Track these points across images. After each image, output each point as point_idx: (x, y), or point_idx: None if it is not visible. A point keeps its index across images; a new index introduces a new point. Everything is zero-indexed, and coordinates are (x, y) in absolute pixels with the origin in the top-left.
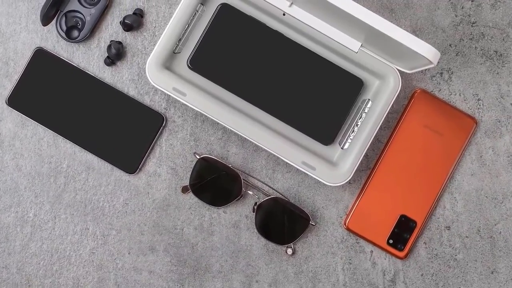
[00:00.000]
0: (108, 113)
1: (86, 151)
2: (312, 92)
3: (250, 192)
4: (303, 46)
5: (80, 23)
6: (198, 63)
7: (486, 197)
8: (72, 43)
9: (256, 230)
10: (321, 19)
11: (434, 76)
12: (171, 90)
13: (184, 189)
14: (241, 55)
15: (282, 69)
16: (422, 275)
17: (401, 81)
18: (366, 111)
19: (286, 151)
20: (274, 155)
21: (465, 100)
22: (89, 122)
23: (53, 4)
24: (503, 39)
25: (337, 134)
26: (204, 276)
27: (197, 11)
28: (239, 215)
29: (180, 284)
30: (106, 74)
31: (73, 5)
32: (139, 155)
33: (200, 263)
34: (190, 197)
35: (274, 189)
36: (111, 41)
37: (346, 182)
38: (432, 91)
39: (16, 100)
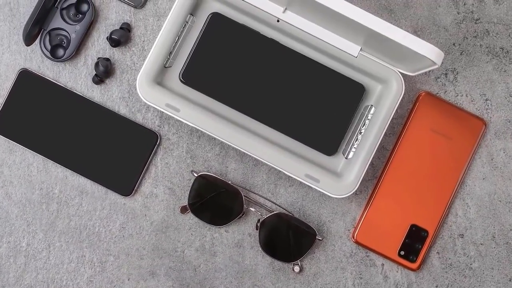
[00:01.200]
0: (99, 133)
1: (78, 174)
2: (311, 101)
3: (252, 209)
4: (300, 53)
5: (65, 41)
6: (191, 77)
7: (500, 201)
8: (57, 62)
9: (260, 249)
10: (317, 24)
11: (438, 78)
12: (164, 106)
13: (183, 209)
14: (235, 66)
15: (279, 78)
16: (436, 286)
17: (405, 84)
18: (369, 117)
19: (287, 164)
20: (276, 169)
21: (472, 101)
22: (80, 144)
23: (36, 22)
24: (509, 35)
25: (340, 143)
26: None
27: (187, 22)
28: (242, 234)
29: None
30: (95, 93)
31: (57, 22)
32: (134, 176)
33: (204, 286)
34: (190, 218)
35: (277, 205)
36: (99, 58)
37: (352, 193)
38: (437, 93)
39: (2, 125)
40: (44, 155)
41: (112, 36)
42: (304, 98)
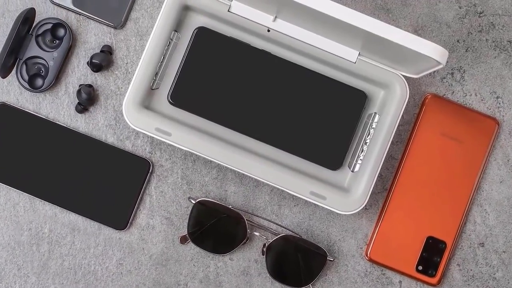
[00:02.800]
0: (88, 166)
1: (68, 211)
2: (311, 113)
3: (257, 233)
4: (295, 63)
5: (43, 69)
6: (180, 97)
7: None
8: (37, 93)
9: (268, 275)
10: (310, 31)
11: (444, 78)
12: (154, 131)
13: (183, 239)
14: (227, 82)
15: (274, 92)
16: None
17: (409, 87)
18: (374, 126)
19: (290, 182)
20: (278, 189)
21: (482, 100)
22: (68, 178)
23: (10, 52)
24: None
25: (345, 156)
26: None
27: (172, 40)
28: (248, 261)
29: None
30: (80, 123)
31: (33, 50)
32: (128, 208)
33: None
34: (191, 248)
35: (283, 227)
36: (80, 85)
37: (362, 209)
38: (444, 94)
39: None
40: (30, 193)
41: (93, 61)
42: (303, 110)
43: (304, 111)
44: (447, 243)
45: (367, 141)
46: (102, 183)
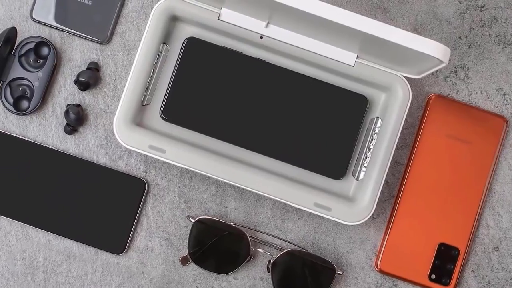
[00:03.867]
0: (80, 189)
1: (63, 237)
2: (310, 122)
3: (261, 250)
4: (291, 70)
5: (28, 91)
6: (172, 112)
7: None
8: (23, 116)
9: None
10: (305, 35)
11: (448, 77)
12: (148, 149)
13: (184, 260)
14: (221, 94)
15: (271, 101)
16: None
17: (411, 89)
18: (376, 131)
19: (293, 194)
20: (281, 202)
21: (488, 97)
22: (60, 203)
23: None
24: None
25: (348, 164)
26: None
27: (161, 52)
28: (253, 279)
29: None
30: (69, 145)
31: (16, 71)
32: (125, 230)
33: None
34: (193, 268)
35: (287, 241)
36: (68, 105)
37: (369, 218)
38: (448, 94)
39: None
40: (21, 220)
41: (80, 79)
42: (302, 119)
43: (303, 119)
44: (460, 249)
45: (370, 147)
46: (96, 206)
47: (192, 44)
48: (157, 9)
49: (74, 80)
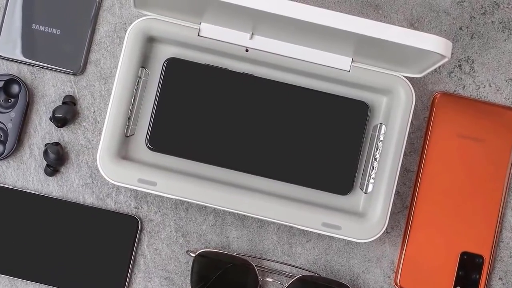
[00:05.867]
0: (69, 233)
1: None
2: (309, 136)
3: (270, 279)
4: (282, 82)
5: (1, 134)
6: (159, 141)
7: None
8: None
9: None
10: (294, 43)
11: (452, 72)
12: (137, 183)
13: None
14: (210, 115)
15: (265, 118)
16: None
17: (414, 89)
18: (381, 139)
19: (299, 216)
20: (286, 225)
21: (498, 90)
22: (49, 251)
23: None
24: None
25: (354, 178)
26: None
27: (140, 78)
28: None
29: None
30: (52, 187)
31: None
32: (121, 273)
33: None
34: None
35: (297, 267)
36: (46, 144)
37: (383, 233)
38: (454, 91)
39: None
40: (9, 274)
41: (56, 115)
42: (300, 134)
43: (301, 134)
44: (485, 257)
45: (376, 156)
46: (88, 250)
47: (173, 65)
48: (132, 32)
49: (50, 117)
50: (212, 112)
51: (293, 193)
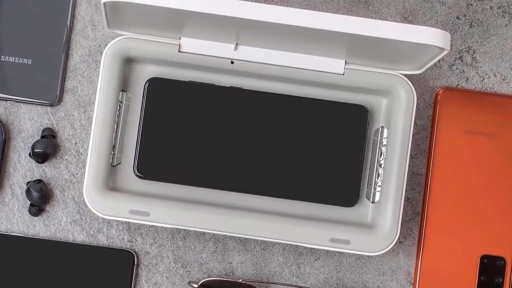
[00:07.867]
0: (61, 275)
1: None
2: (308, 147)
3: None
4: (274, 93)
5: None
6: (148, 168)
7: None
8: None
9: None
10: (282, 50)
11: (453, 65)
12: (128, 214)
13: None
14: (200, 136)
15: (259, 133)
16: None
17: (414, 87)
18: (384, 143)
19: (304, 234)
20: (292, 245)
21: (504, 79)
22: None
23: None
24: None
25: (359, 187)
26: None
27: (121, 102)
28: None
29: None
30: (39, 227)
31: None
32: None
33: None
34: None
35: None
36: (28, 183)
37: (395, 243)
38: (458, 84)
39: None
40: None
41: (35, 150)
42: (297, 146)
43: (299, 146)
44: (506, 258)
45: (381, 162)
46: None
47: (155, 85)
48: (108, 54)
49: (29, 153)
50: (202, 132)
51: (296, 210)
